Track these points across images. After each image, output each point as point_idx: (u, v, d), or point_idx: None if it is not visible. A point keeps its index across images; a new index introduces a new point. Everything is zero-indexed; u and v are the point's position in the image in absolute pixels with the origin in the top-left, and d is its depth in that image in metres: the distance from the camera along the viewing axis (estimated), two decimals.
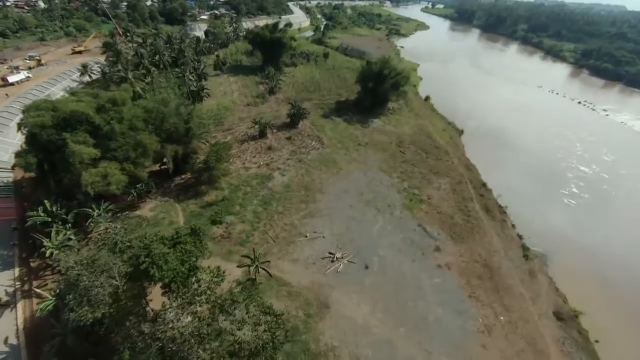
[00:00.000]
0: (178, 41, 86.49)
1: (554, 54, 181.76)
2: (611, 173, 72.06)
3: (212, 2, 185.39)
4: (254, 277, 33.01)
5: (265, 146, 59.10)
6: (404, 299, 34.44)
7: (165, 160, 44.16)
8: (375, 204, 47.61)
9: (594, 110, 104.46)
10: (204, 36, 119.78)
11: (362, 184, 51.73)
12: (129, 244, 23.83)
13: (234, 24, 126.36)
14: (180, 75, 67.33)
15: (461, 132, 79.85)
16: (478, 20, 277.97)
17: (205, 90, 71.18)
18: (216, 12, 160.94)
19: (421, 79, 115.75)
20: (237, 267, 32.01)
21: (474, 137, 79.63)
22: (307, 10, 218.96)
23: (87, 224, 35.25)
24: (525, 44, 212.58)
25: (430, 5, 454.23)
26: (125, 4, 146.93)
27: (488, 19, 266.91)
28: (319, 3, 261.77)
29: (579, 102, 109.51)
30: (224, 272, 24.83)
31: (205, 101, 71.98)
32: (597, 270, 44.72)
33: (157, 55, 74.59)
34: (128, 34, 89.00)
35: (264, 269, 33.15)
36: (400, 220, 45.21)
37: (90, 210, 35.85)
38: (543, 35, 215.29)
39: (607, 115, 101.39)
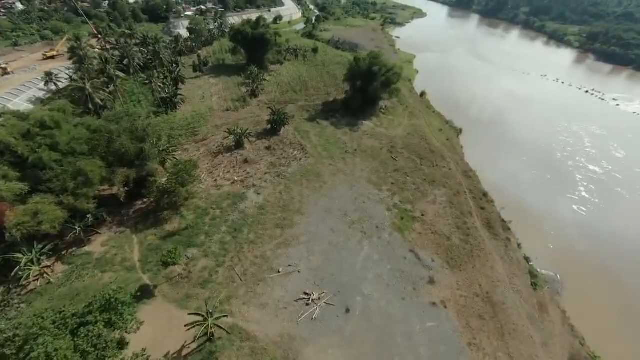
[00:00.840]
0: (152, 41, 78.98)
1: (558, 38, 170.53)
2: (624, 172, 64.86)
3: None
4: (210, 333, 27.12)
5: (241, 159, 52.59)
6: (390, 353, 28.48)
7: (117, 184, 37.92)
8: (362, 226, 41.26)
9: (603, 100, 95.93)
10: (187, 34, 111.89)
11: (347, 201, 45.29)
12: (14, 332, 17.84)
13: (218, 20, 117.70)
14: (146, 82, 60.41)
15: (459, 131, 72.52)
16: (477, 5, 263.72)
17: (179, 97, 64.27)
18: (202, 7, 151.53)
19: (417, 72, 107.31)
20: (185, 327, 26.09)
21: (474, 135, 72.39)
22: (298, 2, 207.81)
23: (13, 274, 29.36)
24: (527, 29, 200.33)
25: None
26: (107, 2, 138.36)
27: (488, 3, 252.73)
28: None
29: (587, 91, 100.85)
30: (148, 359, 18.83)
31: (180, 108, 65.19)
32: (617, 295, 38.39)
33: (127, 59, 67.53)
34: (100, 36, 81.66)
35: (219, 326, 27.18)
36: (389, 245, 38.90)
37: (20, 255, 29.99)
38: (546, 18, 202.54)
39: (617, 105, 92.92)
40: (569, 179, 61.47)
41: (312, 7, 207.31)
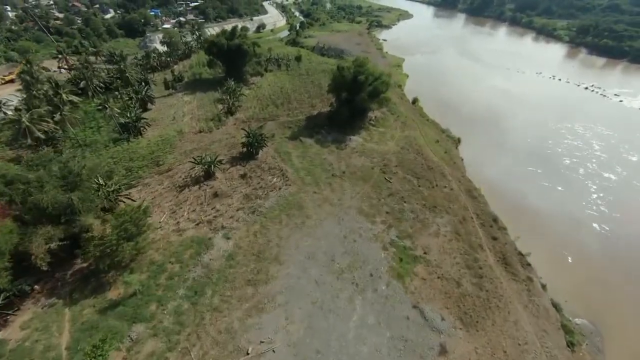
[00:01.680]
0: (118, 59, 70.68)
1: (547, 34, 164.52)
2: None
3: (180, 9, 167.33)
4: None
5: (210, 192, 44.34)
6: None
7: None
8: (352, 275, 33.20)
9: (604, 96, 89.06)
10: (166, 48, 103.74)
11: (335, 241, 37.22)
12: None
13: (196, 32, 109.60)
14: (100, 107, 51.96)
15: (458, 141, 64.89)
16: (463, 4, 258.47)
17: (143, 121, 55.95)
18: (181, 19, 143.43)
19: (407, 76, 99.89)
20: None
21: (472, 143, 64.88)
22: (283, 9, 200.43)
23: None
24: (515, 25, 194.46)
25: None
26: (80, 19, 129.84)
27: (473, 1, 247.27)
28: (296, 0, 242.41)
29: (586, 88, 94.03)
30: None
31: (145, 133, 56.88)
32: None
33: (84, 81, 59.06)
34: (60, 56, 73.20)
35: None
36: (387, 301, 30.84)
37: None
38: (532, 14, 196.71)
39: (620, 101, 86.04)
40: (583, 191, 53.97)
41: (296, 13, 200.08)
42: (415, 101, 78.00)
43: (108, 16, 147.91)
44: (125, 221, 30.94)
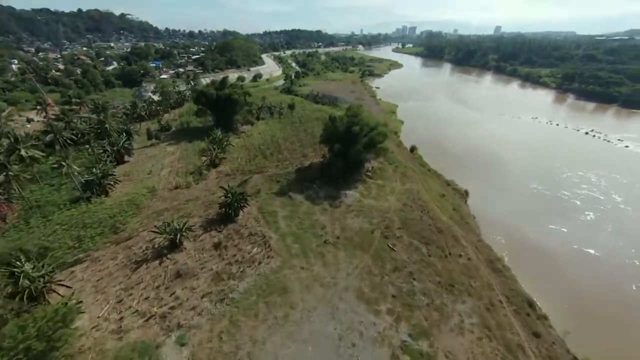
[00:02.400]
0: (100, 109, 66.30)
1: (533, 81, 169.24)
2: None
3: (181, 62, 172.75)
4: None
5: (173, 269, 35.12)
6: None
7: None
8: None
9: (608, 141, 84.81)
10: (159, 97, 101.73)
11: (327, 345, 27.26)
12: None
13: (191, 82, 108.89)
14: (55, 165, 45.02)
15: (465, 194, 57.64)
16: (448, 54, 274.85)
17: (111, 177, 48.69)
18: (180, 70, 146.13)
19: (402, 122, 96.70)
20: None
21: (480, 198, 57.52)
22: (279, 60, 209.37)
23: None
24: (499, 73, 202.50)
25: (400, 46, 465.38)
26: (80, 70, 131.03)
27: (457, 53, 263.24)
28: (293, 52, 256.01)
29: (586, 133, 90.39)
30: None
31: (113, 190, 49.24)
32: None
33: (51, 134, 53.13)
34: (39, 107, 68.91)
35: None
36: None
37: None
38: (515, 63, 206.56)
39: (626, 146, 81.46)
40: (620, 255, 45.19)
41: (293, 64, 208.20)
42: (413, 149, 72.60)
43: (110, 68, 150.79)
44: (29, 337, 21.46)
